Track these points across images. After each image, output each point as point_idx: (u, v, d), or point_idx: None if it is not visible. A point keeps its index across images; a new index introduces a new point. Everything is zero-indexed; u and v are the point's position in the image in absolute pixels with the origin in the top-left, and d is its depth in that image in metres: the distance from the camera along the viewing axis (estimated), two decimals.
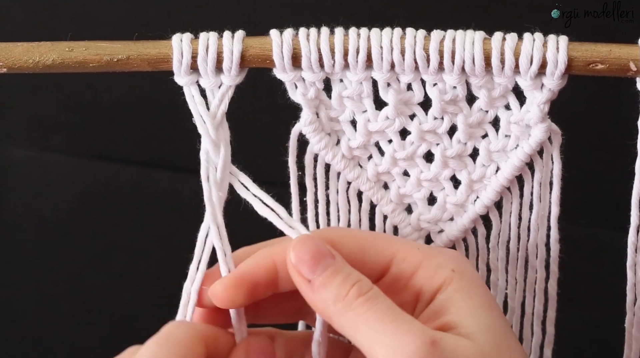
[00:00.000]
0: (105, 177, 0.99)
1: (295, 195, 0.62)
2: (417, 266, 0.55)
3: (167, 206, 0.99)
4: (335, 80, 0.59)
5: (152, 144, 0.97)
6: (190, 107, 0.58)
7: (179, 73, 0.57)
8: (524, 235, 0.62)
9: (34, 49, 0.57)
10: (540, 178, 0.60)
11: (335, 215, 0.63)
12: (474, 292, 0.54)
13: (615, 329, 0.63)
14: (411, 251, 0.56)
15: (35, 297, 1.05)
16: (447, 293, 0.54)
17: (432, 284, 0.55)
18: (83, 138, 0.98)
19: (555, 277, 0.62)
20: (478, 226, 0.62)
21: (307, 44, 0.57)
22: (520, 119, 0.59)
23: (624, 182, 0.60)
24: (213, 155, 0.57)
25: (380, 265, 0.56)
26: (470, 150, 0.60)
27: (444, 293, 0.54)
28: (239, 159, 0.59)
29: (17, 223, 1.02)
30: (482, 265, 0.62)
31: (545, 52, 0.56)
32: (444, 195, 0.61)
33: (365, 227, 0.62)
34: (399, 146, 0.60)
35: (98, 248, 1.01)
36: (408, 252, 0.56)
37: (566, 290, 0.63)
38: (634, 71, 0.56)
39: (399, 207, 0.62)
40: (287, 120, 0.60)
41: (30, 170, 1.01)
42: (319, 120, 0.60)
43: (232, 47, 0.57)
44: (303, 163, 0.61)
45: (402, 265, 0.56)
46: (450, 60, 0.57)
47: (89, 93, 0.96)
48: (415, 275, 0.55)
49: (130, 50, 0.57)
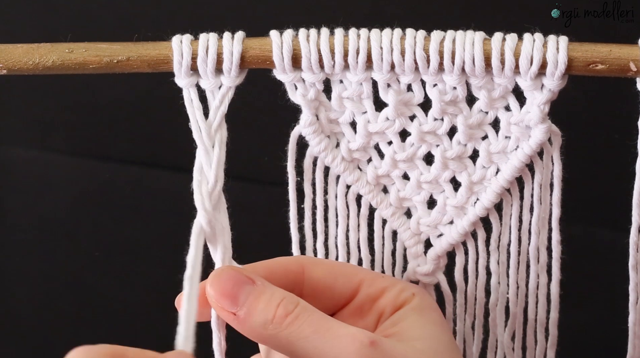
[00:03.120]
0: (105, 177, 0.99)
1: (293, 201, 0.62)
2: (383, 290, 0.57)
3: (167, 206, 0.99)
4: (335, 81, 0.59)
5: (152, 144, 0.97)
6: (188, 111, 0.58)
7: (179, 74, 0.57)
8: (524, 237, 0.62)
9: (33, 51, 0.57)
10: (541, 179, 0.60)
11: (334, 220, 0.63)
12: (426, 312, 0.56)
13: (618, 329, 0.63)
14: (378, 278, 0.58)
15: (35, 297, 1.05)
16: (403, 310, 0.56)
17: (394, 304, 0.56)
18: (83, 138, 0.98)
19: (557, 279, 0.62)
20: (478, 229, 0.62)
21: (307, 44, 0.57)
22: (520, 119, 0.59)
23: (624, 182, 0.60)
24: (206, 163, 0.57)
25: (349, 289, 0.57)
26: (470, 151, 0.60)
27: (401, 310, 0.56)
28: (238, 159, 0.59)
29: (17, 223, 1.02)
30: (482, 269, 0.62)
31: (545, 52, 0.56)
32: (444, 197, 0.61)
33: (364, 232, 0.62)
34: (399, 147, 0.60)
35: (98, 248, 1.01)
36: (375, 278, 0.58)
37: (567, 291, 0.63)
38: (634, 71, 0.56)
39: (398, 210, 0.62)
40: (286, 121, 0.60)
41: (30, 170, 1.01)
42: (318, 122, 0.60)
43: (232, 48, 0.57)
44: (302, 167, 0.61)
45: (370, 290, 0.57)
46: (450, 60, 0.57)
47: (88, 93, 0.96)
48: (380, 298, 0.57)
49: (130, 51, 0.57)
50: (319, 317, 0.52)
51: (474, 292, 0.63)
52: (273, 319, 0.52)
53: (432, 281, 0.63)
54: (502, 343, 0.64)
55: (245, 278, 0.53)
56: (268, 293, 0.53)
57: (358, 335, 0.51)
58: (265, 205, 0.89)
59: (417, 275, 0.63)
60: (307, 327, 0.52)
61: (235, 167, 0.59)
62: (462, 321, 0.64)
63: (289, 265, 0.57)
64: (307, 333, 0.52)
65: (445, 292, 0.63)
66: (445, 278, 0.63)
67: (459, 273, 0.63)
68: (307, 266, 0.57)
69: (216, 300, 0.53)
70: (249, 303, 0.53)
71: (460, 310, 0.63)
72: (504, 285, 0.62)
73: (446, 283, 0.63)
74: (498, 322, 0.63)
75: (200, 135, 0.57)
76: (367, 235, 0.63)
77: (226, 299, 0.53)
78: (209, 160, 0.57)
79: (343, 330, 0.52)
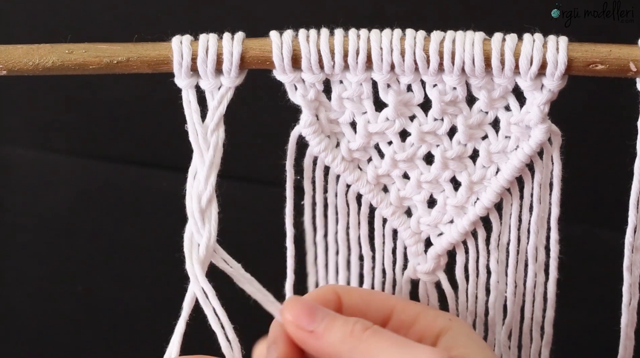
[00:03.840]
0: (105, 177, 0.99)
1: (290, 199, 0.62)
2: (416, 316, 0.58)
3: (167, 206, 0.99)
4: (335, 81, 0.59)
5: (152, 144, 0.97)
6: (185, 113, 0.58)
7: (179, 75, 0.57)
8: (523, 236, 0.62)
9: (33, 51, 0.57)
10: (541, 179, 0.60)
11: (334, 219, 0.63)
12: (473, 335, 0.57)
13: (614, 330, 0.63)
14: (410, 304, 0.59)
15: (35, 297, 1.05)
16: (449, 335, 0.57)
17: (433, 330, 0.57)
18: (83, 138, 0.98)
19: (554, 278, 0.62)
20: (478, 228, 0.62)
21: (307, 45, 0.57)
22: (520, 119, 0.59)
23: (624, 182, 0.60)
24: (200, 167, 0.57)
25: (381, 315, 0.58)
26: (470, 151, 0.60)
27: (446, 336, 0.57)
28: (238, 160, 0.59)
29: (17, 223, 1.02)
30: (482, 268, 0.62)
31: (545, 52, 0.56)
32: (444, 197, 0.61)
33: (364, 230, 0.63)
34: (399, 148, 0.60)
35: (98, 248, 1.01)
36: (407, 304, 0.59)
37: (565, 290, 0.63)
38: (634, 71, 0.56)
39: (398, 209, 0.62)
40: (286, 121, 0.60)
41: (30, 170, 1.00)
42: (318, 122, 0.60)
43: (231, 48, 0.57)
44: (302, 166, 0.61)
45: (402, 316, 0.58)
46: (450, 61, 0.57)
47: (89, 93, 0.96)
48: (415, 324, 0.58)
49: (130, 52, 0.57)
50: (395, 335, 0.54)
51: (474, 290, 0.63)
52: (352, 332, 0.54)
53: (433, 279, 0.63)
54: (499, 342, 0.64)
55: (319, 306, 0.56)
56: (343, 316, 0.55)
57: (436, 350, 0.53)
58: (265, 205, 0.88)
59: (418, 273, 0.63)
60: (385, 340, 0.53)
61: (235, 167, 0.59)
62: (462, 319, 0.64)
63: (326, 295, 0.59)
64: (386, 345, 0.53)
65: (447, 290, 0.63)
66: (446, 277, 0.63)
67: (460, 271, 0.63)
68: (343, 294, 0.59)
69: (294, 319, 0.55)
70: (327, 321, 0.55)
71: (461, 308, 0.64)
72: (503, 284, 0.63)
73: (447, 281, 0.63)
74: (496, 320, 0.63)
75: (197, 138, 0.57)
76: (367, 233, 0.63)
77: (304, 318, 0.55)
78: (203, 164, 0.57)
79: (421, 346, 0.53)
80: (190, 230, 0.57)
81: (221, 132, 0.58)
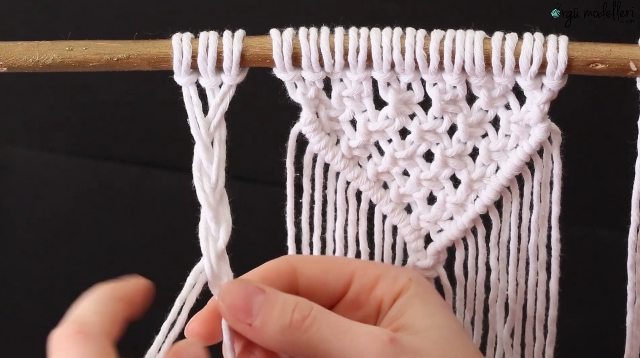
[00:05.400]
0: (105, 177, 0.99)
1: (290, 196, 0.62)
2: (376, 278, 0.57)
3: (167, 206, 0.99)
4: (335, 79, 0.59)
5: (152, 144, 0.97)
6: (187, 108, 0.58)
7: (179, 72, 0.57)
8: (524, 235, 0.62)
9: (34, 48, 0.57)
10: (540, 178, 0.60)
11: (333, 216, 0.63)
12: (428, 297, 0.56)
13: (616, 329, 0.63)
14: (370, 266, 0.58)
15: (35, 297, 1.05)
16: (404, 298, 0.55)
17: (392, 292, 0.56)
18: (83, 138, 0.98)
19: (556, 277, 0.62)
20: (478, 226, 0.62)
21: (307, 43, 0.57)
22: (520, 118, 0.59)
23: (624, 182, 0.60)
24: (205, 159, 0.57)
25: (342, 282, 0.57)
26: (470, 149, 0.60)
27: (401, 298, 0.56)
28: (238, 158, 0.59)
29: (17, 223, 1.02)
30: (482, 265, 0.62)
31: (545, 52, 0.56)
32: (443, 194, 0.61)
33: (364, 227, 0.63)
34: (399, 146, 0.60)
35: (98, 248, 1.01)
36: (367, 267, 0.57)
37: (566, 289, 0.63)
38: (634, 71, 0.56)
39: (398, 206, 0.62)
40: (286, 119, 0.60)
41: (30, 170, 1.01)
42: (318, 120, 0.60)
43: (232, 46, 0.57)
44: (301, 164, 0.61)
45: (363, 280, 0.57)
46: (450, 59, 0.57)
47: (89, 93, 0.96)
48: (375, 287, 0.57)
49: (130, 49, 0.57)
50: (335, 318, 0.52)
51: (473, 287, 0.63)
52: (290, 324, 0.52)
53: (432, 275, 0.63)
54: (501, 340, 0.64)
55: (255, 288, 0.53)
56: (281, 300, 0.53)
57: (378, 334, 0.51)
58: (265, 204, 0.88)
59: (417, 269, 0.63)
60: (325, 329, 0.51)
61: (235, 167, 0.59)
62: (461, 316, 0.64)
63: (280, 268, 0.57)
64: (326, 335, 0.51)
65: (445, 286, 0.63)
66: (445, 273, 0.63)
67: (459, 268, 0.63)
68: (298, 265, 0.57)
69: (230, 313, 0.53)
70: (263, 312, 0.52)
71: (460, 304, 0.64)
72: (504, 282, 0.63)
73: (446, 277, 0.63)
74: (497, 318, 0.63)
75: (199, 131, 0.57)
76: (366, 229, 0.63)
77: (240, 311, 0.52)
78: (209, 157, 0.57)
79: (362, 329, 0.52)
80: (205, 226, 0.56)
81: (223, 129, 0.58)
